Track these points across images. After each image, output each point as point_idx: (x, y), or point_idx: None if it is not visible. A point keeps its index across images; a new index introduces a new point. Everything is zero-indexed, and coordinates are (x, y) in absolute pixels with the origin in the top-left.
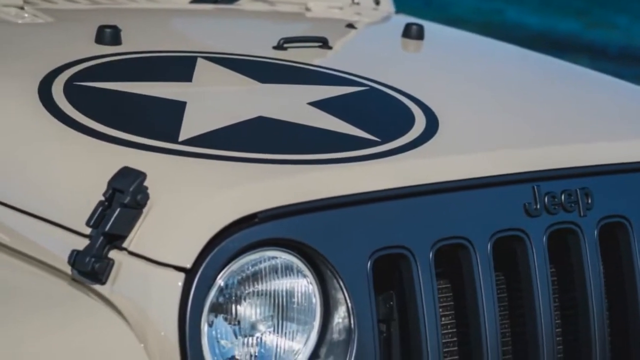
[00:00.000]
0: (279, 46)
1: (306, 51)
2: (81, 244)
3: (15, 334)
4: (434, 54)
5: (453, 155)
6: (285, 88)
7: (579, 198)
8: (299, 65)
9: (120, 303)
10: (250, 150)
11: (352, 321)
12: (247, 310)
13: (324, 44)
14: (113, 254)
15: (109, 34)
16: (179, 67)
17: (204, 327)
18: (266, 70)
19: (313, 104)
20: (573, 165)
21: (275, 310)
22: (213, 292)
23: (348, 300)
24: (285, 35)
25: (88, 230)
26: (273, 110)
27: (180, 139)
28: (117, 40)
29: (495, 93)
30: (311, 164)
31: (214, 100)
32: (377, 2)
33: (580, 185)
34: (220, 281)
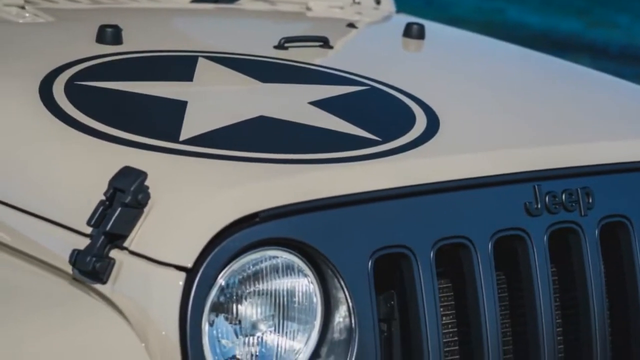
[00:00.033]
0: (280, 46)
1: (307, 51)
2: (82, 243)
3: (16, 333)
4: (435, 54)
5: (454, 154)
6: (286, 87)
7: (580, 197)
8: (299, 64)
9: (121, 302)
10: (251, 149)
11: (353, 320)
12: (248, 309)
13: (325, 43)
14: (114, 253)
15: (110, 34)
16: (180, 67)
17: (205, 327)
18: (267, 69)
19: (314, 103)
20: (574, 165)
21: (276, 310)
22: (214, 292)
23: (349, 300)
24: (286, 35)
25: (89, 230)
26: (274, 109)
27: (181, 138)
28: (118, 40)
29: (496, 92)
30: (312, 163)
31: (215, 99)
32: (378, 2)
33: (581, 185)
34: (221, 280)
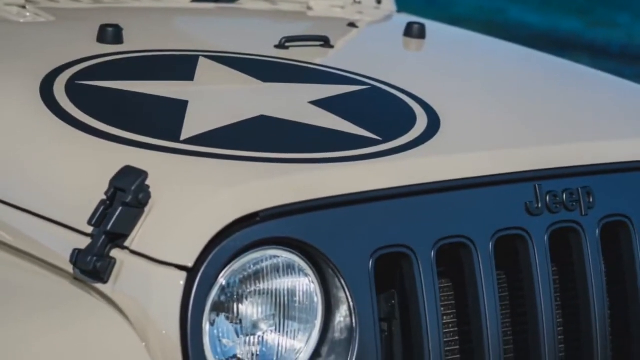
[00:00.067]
0: (281, 45)
1: (308, 50)
2: (83, 242)
3: (16, 332)
4: (436, 53)
5: (455, 154)
6: (287, 87)
7: (581, 197)
8: (300, 64)
9: (122, 302)
10: (252, 149)
11: (354, 320)
12: (249, 309)
13: (326, 43)
14: (115, 252)
15: (110, 33)
16: (181, 66)
17: (206, 326)
18: (268, 69)
19: (315, 102)
20: (574, 164)
21: (276, 309)
22: (215, 291)
23: (350, 299)
24: (287, 34)
25: (90, 229)
26: (275, 109)
27: (182, 137)
28: (119, 39)
29: (496, 92)
30: (313, 162)
31: (216, 99)
32: (379, 1)
33: (581, 184)
34: (222, 280)
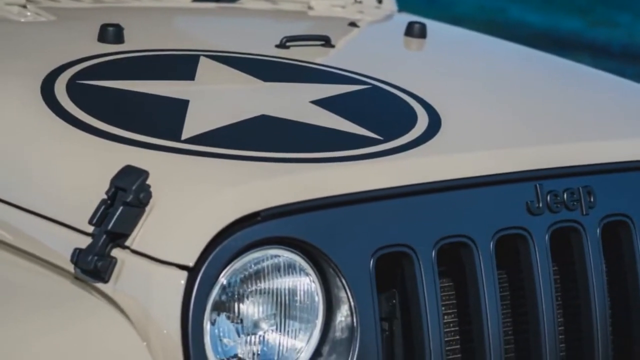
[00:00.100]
0: (282, 45)
1: (309, 50)
2: (84, 242)
3: (17, 332)
4: (437, 53)
5: (455, 153)
6: (288, 86)
7: (582, 196)
8: (301, 63)
9: (122, 301)
10: (252, 148)
11: (355, 319)
12: (250, 308)
13: (327, 42)
14: (116, 252)
15: (111, 33)
16: (182, 66)
17: (207, 326)
18: (269, 68)
19: (316, 102)
20: (575, 164)
21: (277, 309)
22: (216, 291)
23: (350, 299)
24: (288, 34)
25: (91, 229)
26: (276, 108)
27: (183, 137)
28: (120, 39)
29: (497, 91)
30: (314, 162)
31: (217, 98)
32: (380, 1)
33: (582, 184)
34: (222, 279)
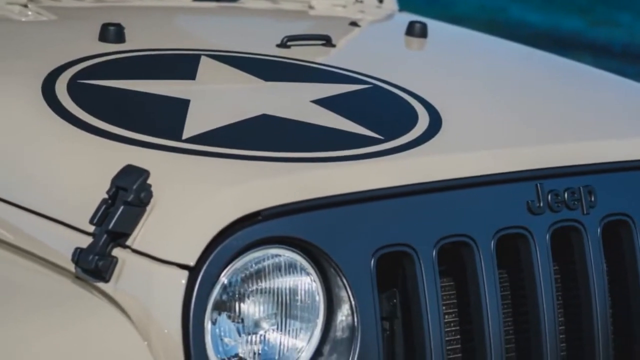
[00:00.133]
0: (283, 44)
1: (310, 49)
2: (85, 241)
3: (18, 332)
4: (438, 52)
5: (456, 153)
6: (289, 86)
7: (582, 196)
8: (302, 63)
9: (123, 301)
10: (253, 148)
11: (356, 319)
12: (251, 307)
13: (328, 42)
14: (117, 251)
15: (112, 32)
16: (183, 65)
17: (208, 325)
18: (270, 68)
19: (316, 101)
20: (576, 163)
21: (278, 308)
22: (216, 290)
23: (351, 298)
24: (289, 33)
25: (92, 228)
26: (277, 108)
27: (184, 136)
28: (121, 38)
29: (498, 91)
30: (315, 161)
31: (218, 98)
32: (381, 0)
33: (583, 183)
34: (223, 279)
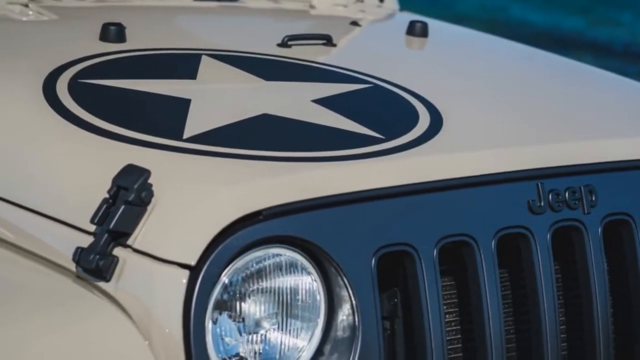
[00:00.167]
0: (283, 44)
1: (310, 49)
2: (86, 241)
3: (18, 331)
4: (438, 52)
5: (457, 152)
6: (290, 85)
7: (583, 195)
8: (303, 62)
9: (124, 300)
10: (254, 147)
11: (357, 318)
12: (252, 307)
13: (328, 41)
14: (117, 251)
15: (113, 32)
16: (184, 65)
17: (209, 325)
18: (270, 67)
19: (317, 101)
20: (577, 163)
21: (279, 308)
22: (217, 290)
23: (352, 298)
24: (290, 33)
25: (92, 228)
26: (277, 107)
27: (185, 136)
28: (122, 38)
29: (499, 90)
30: (315, 161)
31: (219, 97)
32: (381, 0)
33: (584, 183)
34: (224, 278)
